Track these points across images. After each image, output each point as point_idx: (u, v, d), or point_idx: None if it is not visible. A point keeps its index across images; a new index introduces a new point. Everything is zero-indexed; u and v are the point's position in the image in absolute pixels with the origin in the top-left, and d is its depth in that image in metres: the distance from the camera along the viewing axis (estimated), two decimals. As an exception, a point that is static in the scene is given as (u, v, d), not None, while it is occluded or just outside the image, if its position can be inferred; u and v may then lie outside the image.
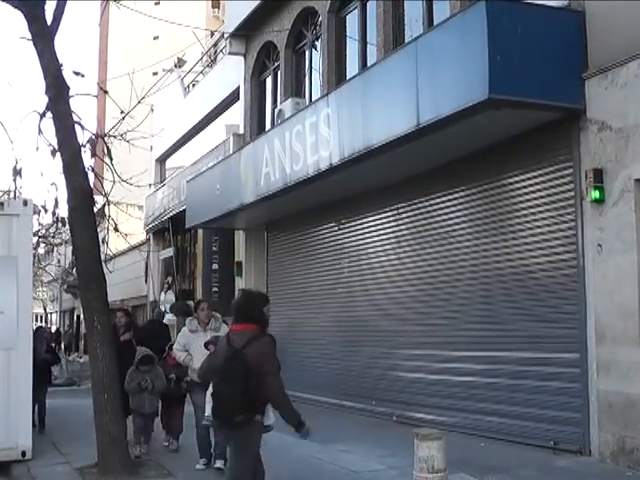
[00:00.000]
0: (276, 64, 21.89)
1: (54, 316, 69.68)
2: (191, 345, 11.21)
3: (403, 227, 15.48)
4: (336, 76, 18.19)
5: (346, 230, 17.58)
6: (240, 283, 22.95)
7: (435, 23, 13.91)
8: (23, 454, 12.00)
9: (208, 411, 7.74)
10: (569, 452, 10.96)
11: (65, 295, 55.15)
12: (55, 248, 35.88)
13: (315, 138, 15.06)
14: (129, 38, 67.89)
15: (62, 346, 46.40)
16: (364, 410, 15.74)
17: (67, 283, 49.47)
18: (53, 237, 31.52)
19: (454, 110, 10.95)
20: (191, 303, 27.54)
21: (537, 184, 11.96)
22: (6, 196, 13.24)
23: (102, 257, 12.04)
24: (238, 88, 24.12)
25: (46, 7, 12.01)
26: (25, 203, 12.73)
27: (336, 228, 17.94)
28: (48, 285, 49.50)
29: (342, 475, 10.56)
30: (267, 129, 20.95)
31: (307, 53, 20.45)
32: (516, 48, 10.50)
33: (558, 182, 11.54)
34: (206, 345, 10.06)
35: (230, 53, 23.93)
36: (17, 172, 12.90)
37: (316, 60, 19.83)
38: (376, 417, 15.34)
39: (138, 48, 61.59)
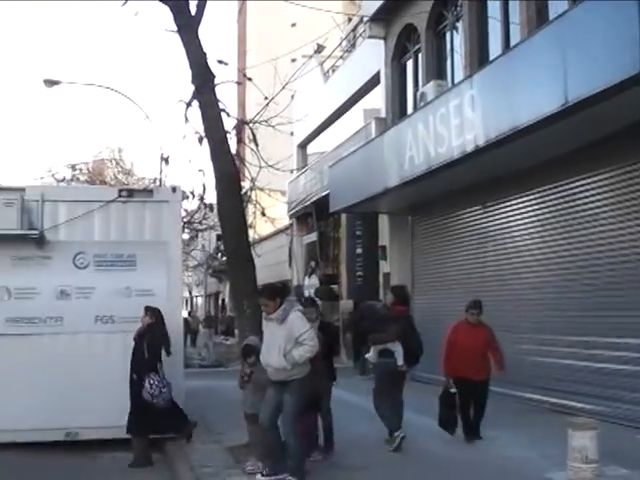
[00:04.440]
0: (417, 47, 21.73)
1: (199, 300, 71.41)
2: None
3: (546, 210, 15.18)
4: (478, 57, 17.92)
5: (491, 213, 17.31)
6: (384, 267, 22.93)
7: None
8: (176, 431, 12.41)
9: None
10: None
11: (210, 279, 56.39)
12: (200, 234, 36.56)
13: (460, 120, 14.88)
14: (267, 26, 68.48)
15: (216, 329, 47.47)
16: (514, 397, 15.46)
17: (212, 268, 50.55)
18: (199, 223, 32.17)
19: (603, 86, 10.58)
20: (335, 287, 27.85)
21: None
22: (155, 183, 13.56)
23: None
24: (378, 72, 24.06)
25: (189, -1, 12.27)
26: (174, 190, 13.10)
27: (481, 211, 17.68)
28: (193, 270, 50.60)
29: (493, 459, 10.41)
30: (409, 113, 20.84)
31: (448, 35, 20.21)
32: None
33: None
34: None
35: (370, 37, 23.89)
36: (165, 160, 13.23)
37: (457, 41, 19.58)
38: (527, 404, 15.06)
39: (276, 36, 62.07)
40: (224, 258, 43.57)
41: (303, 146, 34.51)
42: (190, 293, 67.18)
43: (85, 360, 12.26)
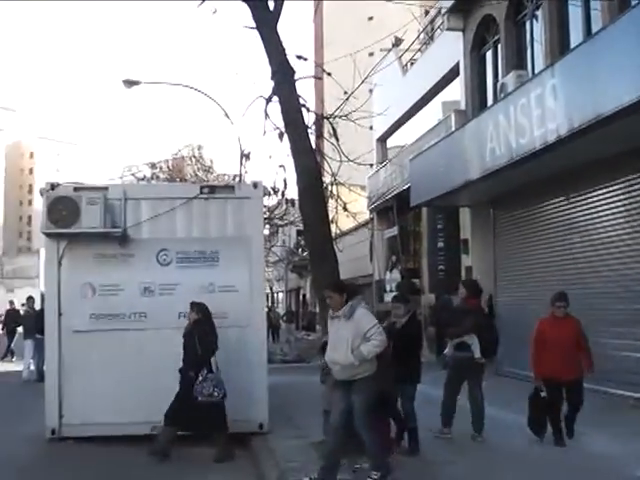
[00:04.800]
0: (496, 37, 21.49)
1: (280, 295, 71.82)
2: None
3: (633, 200, 14.87)
4: (559, 45, 17.64)
5: (576, 204, 16.99)
6: (466, 261, 22.74)
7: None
8: (260, 427, 12.49)
9: None
10: None
11: (290, 275, 56.67)
12: (280, 229, 36.75)
13: (541, 110, 14.66)
14: (344, 21, 68.56)
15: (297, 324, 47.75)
16: (597, 391, 15.17)
17: (292, 263, 50.77)
18: (280, 219, 32.30)
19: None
20: (417, 281, 27.70)
21: None
22: (235, 180, 13.64)
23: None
24: (457, 64, 23.88)
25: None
26: (255, 186, 13.16)
27: (565, 202, 17.38)
28: (274, 265, 50.89)
29: (581, 456, 10.26)
30: (489, 104, 20.63)
31: (527, 24, 19.93)
32: None
33: None
34: None
35: (448, 29, 23.72)
36: (246, 156, 13.28)
37: (537, 30, 19.29)
38: (610, 399, 14.76)
39: (353, 30, 62.07)
40: (305, 253, 43.90)
41: (383, 140, 34.43)
42: (271, 289, 67.59)
43: (169, 355, 12.39)
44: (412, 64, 30.80)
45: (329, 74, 14.34)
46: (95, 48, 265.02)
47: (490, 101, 21.38)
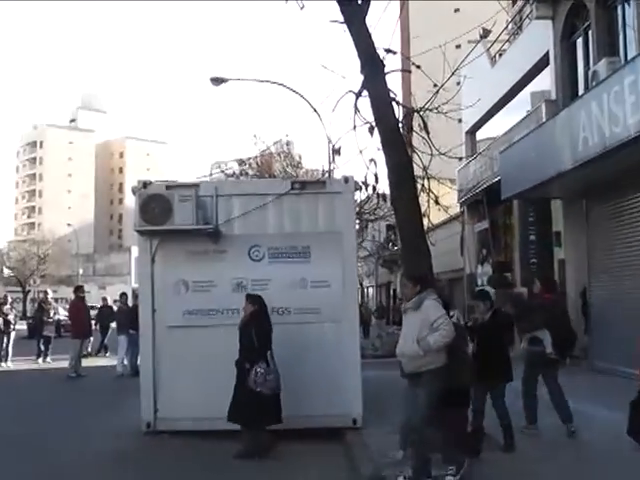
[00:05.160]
0: (586, 24, 21.08)
1: (370, 290, 71.80)
2: None
3: None
4: (653, 29, 17.24)
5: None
6: (559, 254, 22.40)
7: None
8: (354, 422, 12.50)
9: None
10: None
11: (380, 270, 56.57)
12: (370, 224, 36.67)
13: (635, 97, 14.35)
14: (430, 13, 68.16)
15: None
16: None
17: (383, 258, 50.67)
18: (369, 214, 32.23)
19: None
20: (508, 275, 27.39)
21: None
22: (325, 175, 13.62)
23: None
24: (547, 53, 23.51)
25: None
26: (346, 180, 13.15)
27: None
28: (364, 260, 50.84)
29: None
30: (581, 92, 20.25)
31: (619, 8, 19.51)
32: None
33: None
34: None
35: (537, 18, 23.37)
36: (336, 151, 13.26)
37: (629, 15, 18.87)
38: None
39: (440, 23, 61.64)
40: (395, 248, 43.77)
41: (472, 132, 34.12)
42: (361, 284, 67.64)
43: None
44: (500, 55, 30.44)
45: (418, 67, 14.22)
46: (183, 47, 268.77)
47: (581, 89, 20.99)
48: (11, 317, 26.83)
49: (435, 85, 13.71)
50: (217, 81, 29.51)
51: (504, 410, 10.81)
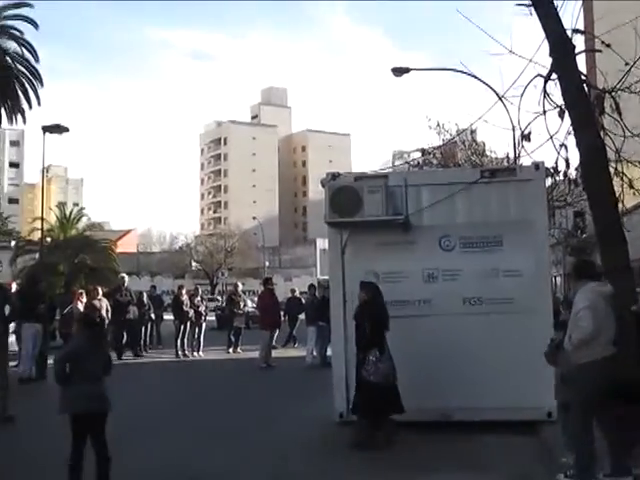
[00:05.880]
0: None
1: (558, 279, 70.05)
2: None
3: None
4: None
5: None
6: None
7: None
8: (549, 415, 12.06)
9: None
10: None
11: (568, 258, 55.04)
12: (557, 211, 35.69)
13: None
14: (615, -8, 65.86)
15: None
16: None
17: (570, 246, 49.26)
18: (559, 200, 31.37)
19: None
20: None
21: None
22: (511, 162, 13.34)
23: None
24: None
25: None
26: (537, 167, 12.84)
27: None
28: (552, 248, 49.65)
29: None
30: None
31: None
32: None
33: None
34: None
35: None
36: (525, 137, 12.95)
37: None
38: None
39: (623, 3, 59.40)
40: (583, 235, 42.49)
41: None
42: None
43: (455, 342, 12.36)
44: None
45: (608, 45, 13.69)
46: (362, 38, 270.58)
47: None
48: (202, 309, 27.82)
49: (627, 64, 13.16)
50: (399, 71, 29.53)
51: None
